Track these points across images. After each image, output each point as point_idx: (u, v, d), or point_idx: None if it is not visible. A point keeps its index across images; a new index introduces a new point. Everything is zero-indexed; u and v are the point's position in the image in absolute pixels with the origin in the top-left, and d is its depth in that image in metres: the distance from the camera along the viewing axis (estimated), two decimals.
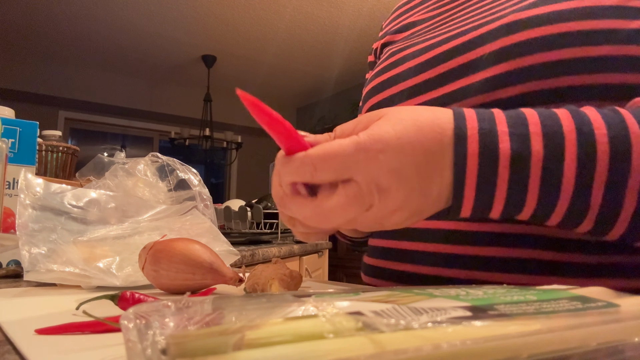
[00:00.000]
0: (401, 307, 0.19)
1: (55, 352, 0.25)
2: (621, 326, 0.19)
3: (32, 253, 0.47)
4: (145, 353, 0.15)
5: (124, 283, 0.48)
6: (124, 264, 0.50)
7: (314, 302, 0.20)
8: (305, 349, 0.15)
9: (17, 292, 0.46)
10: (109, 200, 0.57)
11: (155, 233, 0.56)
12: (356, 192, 0.31)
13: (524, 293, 0.23)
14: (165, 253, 0.44)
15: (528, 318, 0.19)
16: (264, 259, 1.21)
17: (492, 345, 0.17)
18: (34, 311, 0.36)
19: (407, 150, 0.31)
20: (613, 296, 0.24)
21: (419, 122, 0.32)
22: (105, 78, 4.33)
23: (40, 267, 0.46)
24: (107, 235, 0.54)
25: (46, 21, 3.34)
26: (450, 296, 0.22)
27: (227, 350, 0.15)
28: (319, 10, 3.20)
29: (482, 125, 0.32)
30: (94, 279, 0.47)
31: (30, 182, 0.53)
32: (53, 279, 0.47)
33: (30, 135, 0.73)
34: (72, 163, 1.23)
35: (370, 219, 0.32)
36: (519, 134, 0.32)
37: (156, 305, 0.19)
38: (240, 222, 1.59)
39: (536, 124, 0.32)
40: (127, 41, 3.68)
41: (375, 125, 0.32)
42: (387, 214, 0.32)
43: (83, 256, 0.49)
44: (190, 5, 3.15)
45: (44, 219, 0.51)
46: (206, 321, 0.17)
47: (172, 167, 0.66)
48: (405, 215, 0.32)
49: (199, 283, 0.44)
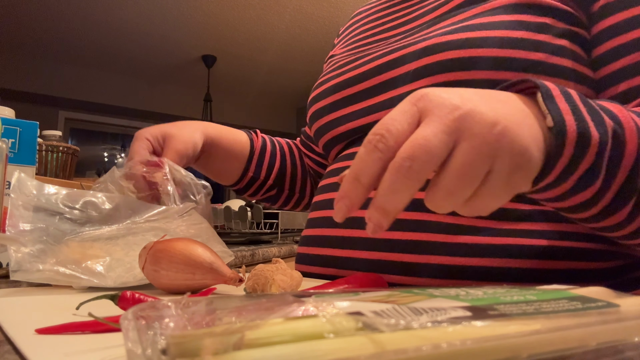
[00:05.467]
0: (401, 307, 0.19)
1: (56, 352, 0.25)
2: (621, 326, 0.19)
3: (19, 253, 0.47)
4: (146, 353, 0.15)
5: (115, 283, 0.47)
6: (114, 265, 0.50)
7: (314, 302, 0.20)
8: (305, 349, 0.15)
9: (17, 292, 0.46)
10: (104, 202, 0.57)
11: (150, 234, 0.56)
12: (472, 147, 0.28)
13: (524, 293, 0.23)
14: (165, 253, 0.44)
15: (528, 318, 0.19)
16: (264, 259, 1.21)
17: (492, 345, 0.17)
18: (34, 311, 0.36)
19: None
20: (613, 296, 0.24)
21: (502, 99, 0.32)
22: (105, 78, 4.33)
23: (28, 266, 0.46)
24: (101, 235, 0.54)
25: (46, 21, 3.34)
26: (450, 296, 0.22)
27: (227, 350, 0.15)
28: (319, 10, 3.20)
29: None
30: (84, 279, 0.47)
31: (23, 183, 0.54)
32: (42, 279, 0.47)
33: (31, 135, 0.73)
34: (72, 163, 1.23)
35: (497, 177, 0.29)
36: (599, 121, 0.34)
37: (156, 305, 0.19)
38: (240, 222, 1.59)
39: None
40: (127, 41, 3.68)
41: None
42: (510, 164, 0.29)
43: (74, 256, 0.49)
44: (190, 5, 3.15)
45: (36, 220, 0.51)
46: (206, 321, 0.17)
47: None
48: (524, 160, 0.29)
49: (199, 283, 0.44)
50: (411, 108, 0.29)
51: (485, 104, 0.29)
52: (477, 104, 0.29)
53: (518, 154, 0.29)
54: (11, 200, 0.51)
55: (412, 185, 0.27)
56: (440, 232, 0.47)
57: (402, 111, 0.29)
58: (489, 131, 0.28)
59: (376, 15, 0.68)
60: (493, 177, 0.28)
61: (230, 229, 1.61)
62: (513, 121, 0.29)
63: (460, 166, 0.27)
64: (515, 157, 0.28)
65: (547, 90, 0.33)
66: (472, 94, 0.30)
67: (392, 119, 0.29)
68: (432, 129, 0.27)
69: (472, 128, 0.27)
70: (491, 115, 0.28)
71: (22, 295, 0.44)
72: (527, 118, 0.31)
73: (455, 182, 0.27)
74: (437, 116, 0.28)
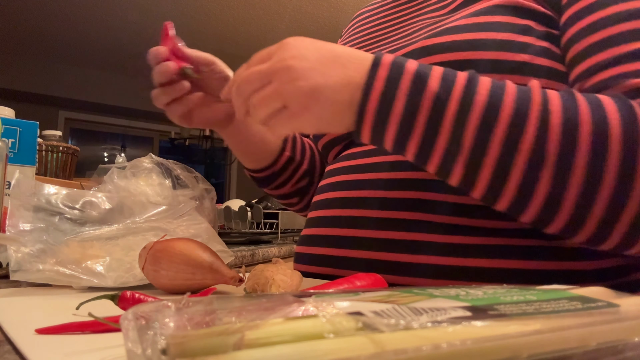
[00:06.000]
0: (401, 307, 0.19)
1: (56, 352, 0.25)
2: (621, 326, 0.19)
3: (19, 253, 0.47)
4: (146, 353, 0.15)
5: (115, 283, 0.47)
6: (114, 265, 0.50)
7: (314, 302, 0.20)
8: (305, 349, 0.15)
9: (17, 292, 0.46)
10: (105, 202, 0.57)
11: (150, 234, 0.56)
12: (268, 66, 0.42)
13: (524, 293, 0.23)
14: (166, 253, 0.44)
15: (528, 318, 0.19)
16: (264, 259, 1.21)
17: (492, 345, 0.17)
18: (34, 311, 0.36)
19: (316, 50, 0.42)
20: (613, 296, 0.24)
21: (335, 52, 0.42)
22: (105, 78, 4.33)
23: (28, 266, 0.46)
24: (101, 235, 0.54)
25: (46, 21, 3.34)
26: (450, 296, 0.22)
27: (227, 350, 0.15)
28: (319, 10, 3.20)
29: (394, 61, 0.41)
30: (84, 279, 0.47)
31: (23, 183, 0.54)
32: (42, 279, 0.47)
33: (31, 135, 0.73)
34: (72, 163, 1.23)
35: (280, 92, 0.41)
36: (426, 74, 0.40)
37: (156, 305, 0.19)
38: (240, 222, 1.59)
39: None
40: (127, 41, 3.68)
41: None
42: (291, 85, 0.40)
43: (74, 256, 0.49)
44: (190, 5, 3.15)
45: (36, 220, 0.52)
46: (206, 321, 0.17)
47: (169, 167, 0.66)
48: (306, 90, 0.40)
49: (199, 283, 0.44)
50: (270, 50, 0.44)
51: (314, 64, 0.40)
52: (304, 62, 0.40)
53: (304, 95, 0.40)
54: (11, 200, 0.52)
55: (239, 95, 0.44)
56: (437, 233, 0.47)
57: (264, 51, 0.45)
58: (291, 81, 0.40)
59: (378, 15, 0.68)
60: (284, 112, 0.41)
61: (230, 229, 1.61)
62: (325, 84, 0.40)
63: (259, 96, 0.41)
64: (301, 99, 0.40)
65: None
66: (319, 55, 0.41)
67: (254, 56, 0.45)
68: (260, 68, 0.42)
69: (281, 75, 0.40)
70: (311, 74, 0.40)
71: (22, 295, 0.44)
72: (346, 85, 0.40)
73: (255, 105, 0.42)
74: (271, 60, 0.42)
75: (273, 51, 0.43)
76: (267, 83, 0.41)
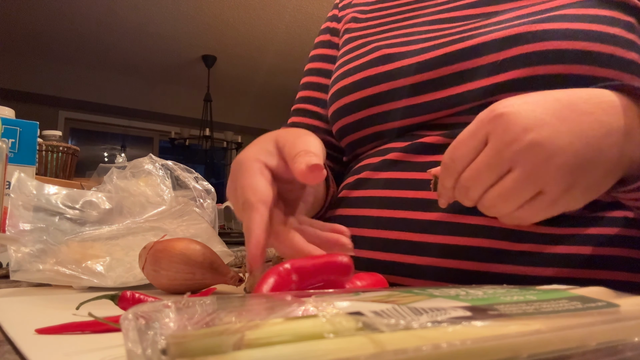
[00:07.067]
0: (401, 307, 0.19)
1: (56, 352, 0.25)
2: (621, 326, 0.19)
3: (19, 253, 0.47)
4: (146, 353, 0.15)
5: (115, 283, 0.47)
6: (114, 265, 0.50)
7: (314, 302, 0.20)
8: (305, 349, 0.15)
9: (17, 292, 0.46)
10: (105, 202, 0.57)
11: (150, 234, 0.56)
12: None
13: (524, 293, 0.23)
14: (166, 253, 0.44)
15: (528, 318, 0.19)
16: None
17: (492, 345, 0.17)
18: (34, 311, 0.36)
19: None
20: (613, 296, 0.24)
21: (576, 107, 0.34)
22: (105, 78, 4.33)
23: (28, 266, 0.46)
24: (101, 235, 0.54)
25: (46, 21, 3.34)
26: (450, 296, 0.22)
27: (227, 350, 0.15)
28: (319, 10, 3.19)
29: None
30: (84, 279, 0.47)
31: (23, 183, 0.54)
32: (42, 279, 0.47)
33: (31, 135, 0.73)
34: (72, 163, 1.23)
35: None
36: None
37: (156, 305, 0.19)
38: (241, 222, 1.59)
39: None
40: (128, 41, 3.68)
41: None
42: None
43: (74, 256, 0.49)
44: (190, 5, 3.15)
45: (36, 220, 0.52)
46: (206, 321, 0.17)
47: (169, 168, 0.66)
48: (571, 166, 0.32)
49: (199, 283, 0.44)
50: (479, 131, 0.34)
51: (558, 126, 0.32)
52: (546, 129, 0.32)
53: (569, 174, 0.32)
54: (11, 200, 0.51)
55: (470, 198, 0.36)
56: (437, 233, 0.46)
57: (471, 134, 0.34)
58: (545, 161, 0.32)
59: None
60: (540, 199, 0.33)
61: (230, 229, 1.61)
62: (586, 144, 0.32)
63: (504, 190, 0.33)
64: (566, 178, 0.32)
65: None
66: (551, 111, 0.33)
67: (459, 142, 0.35)
68: (487, 159, 0.33)
69: (527, 157, 0.32)
70: (563, 141, 0.32)
71: (22, 295, 0.44)
72: (608, 136, 0.33)
73: (497, 201, 0.34)
74: (501, 142, 0.33)
75: (489, 130, 0.33)
76: (505, 172, 0.33)
